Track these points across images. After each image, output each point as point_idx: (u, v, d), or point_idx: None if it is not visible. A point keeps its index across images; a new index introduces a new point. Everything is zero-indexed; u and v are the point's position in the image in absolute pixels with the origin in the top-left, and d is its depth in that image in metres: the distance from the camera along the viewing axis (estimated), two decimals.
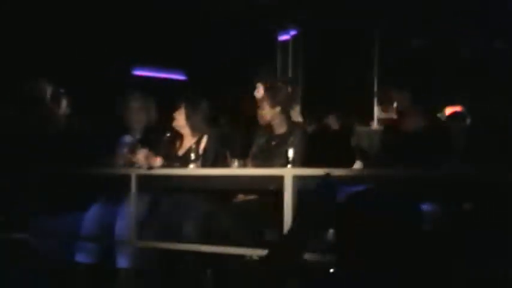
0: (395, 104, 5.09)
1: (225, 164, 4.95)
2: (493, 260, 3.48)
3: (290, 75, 9.00)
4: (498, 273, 3.36)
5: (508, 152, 4.41)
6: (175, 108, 5.28)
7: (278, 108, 5.19)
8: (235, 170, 4.77)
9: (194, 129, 5.23)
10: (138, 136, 5.53)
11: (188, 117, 5.23)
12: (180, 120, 5.25)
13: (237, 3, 8.53)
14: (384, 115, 5.80)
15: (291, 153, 4.69)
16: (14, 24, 7.43)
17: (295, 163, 4.63)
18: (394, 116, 5.44)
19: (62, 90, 5.51)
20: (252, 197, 5.02)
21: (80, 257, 5.18)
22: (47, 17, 7.65)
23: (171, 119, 5.31)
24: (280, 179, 4.30)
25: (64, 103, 5.60)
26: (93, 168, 5.18)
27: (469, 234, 3.72)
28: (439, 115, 6.24)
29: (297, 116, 6.40)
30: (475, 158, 4.52)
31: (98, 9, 7.95)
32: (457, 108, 7.68)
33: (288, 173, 4.32)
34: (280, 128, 5.22)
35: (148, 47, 8.66)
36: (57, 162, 5.15)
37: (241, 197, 5.06)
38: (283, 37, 9.52)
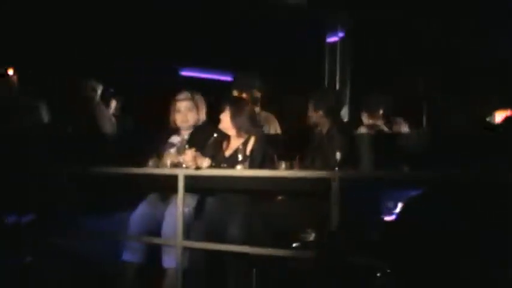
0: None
1: (273, 166, 4.98)
2: None
3: (338, 78, 8.96)
4: None
5: None
6: (220, 110, 5.34)
7: (322, 112, 5.26)
8: (282, 171, 4.81)
9: (240, 130, 5.29)
10: (185, 136, 5.60)
11: (233, 119, 5.29)
12: (226, 121, 5.32)
13: (284, 4, 8.54)
14: (370, 121, 5.84)
15: (338, 155, 4.73)
16: (63, 24, 7.58)
17: (344, 165, 4.65)
18: (379, 122, 5.51)
19: (111, 90, 5.63)
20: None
21: (127, 256, 5.31)
22: (97, 15, 7.76)
23: (218, 120, 5.37)
24: (327, 181, 4.33)
25: (114, 103, 5.73)
26: (141, 168, 5.31)
27: None
28: (488, 119, 6.19)
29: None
30: None
31: (143, 7, 8.02)
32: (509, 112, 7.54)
33: (334, 176, 4.35)
34: (326, 130, 5.28)
35: (196, 46, 8.71)
36: (105, 162, 5.30)
37: (281, 199, 5.10)
38: (332, 39, 9.49)
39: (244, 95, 5.81)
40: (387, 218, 4.75)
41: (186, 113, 5.58)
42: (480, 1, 8.21)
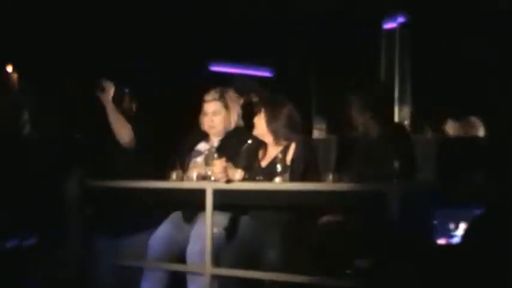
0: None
1: (317, 178, 4.66)
2: None
3: (397, 68, 8.66)
4: None
5: None
6: (254, 113, 5.01)
7: (368, 113, 4.88)
8: (329, 184, 4.49)
9: (278, 136, 4.97)
10: (215, 143, 5.28)
11: (270, 123, 4.98)
12: (261, 126, 5.01)
13: None
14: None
15: (396, 164, 4.38)
16: (87, 21, 7.58)
17: (402, 176, 4.33)
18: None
19: (126, 90, 5.38)
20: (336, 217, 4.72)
21: (146, 286, 5.08)
22: (127, 12, 7.76)
23: (251, 125, 5.05)
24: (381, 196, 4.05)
25: (130, 105, 5.48)
26: (162, 182, 5.05)
27: None
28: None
29: None
30: None
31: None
32: None
33: (390, 189, 4.07)
34: (374, 134, 4.92)
35: (230, 39, 8.56)
36: (120, 174, 5.09)
37: (327, 218, 4.75)
38: (389, 25, 9.21)
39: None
40: (449, 241, 4.46)
41: (214, 116, 5.26)
42: None
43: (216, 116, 5.28)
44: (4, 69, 5.50)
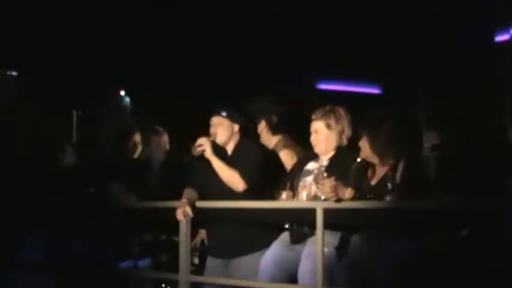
0: None
1: (430, 195, 4.52)
2: None
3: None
4: None
5: None
6: (358, 137, 4.92)
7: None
8: (447, 201, 4.41)
9: (383, 158, 4.86)
10: (324, 163, 5.18)
11: (373, 147, 4.87)
12: (365, 150, 4.91)
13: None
14: None
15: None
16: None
17: None
18: None
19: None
20: None
21: None
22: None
23: (358, 149, 4.93)
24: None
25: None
26: (272, 201, 5.04)
27: None
28: None
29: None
30: None
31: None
32: None
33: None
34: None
35: (337, 57, 8.50)
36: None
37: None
38: (502, 37, 8.90)
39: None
40: None
41: (316, 134, 5.17)
42: None
43: (319, 134, 5.19)
44: (118, 93, 5.69)
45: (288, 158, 5.78)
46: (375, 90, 9.38)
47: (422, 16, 8.23)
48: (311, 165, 5.27)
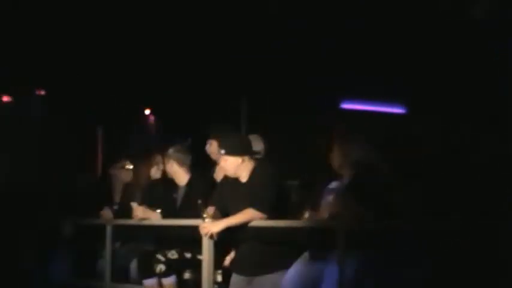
0: None
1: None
2: None
3: None
4: None
5: None
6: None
7: None
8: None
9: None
10: (346, 181, 5.19)
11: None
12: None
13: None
14: None
15: None
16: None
17: None
18: None
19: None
20: None
21: None
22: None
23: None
24: None
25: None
26: (295, 221, 5.09)
27: None
28: None
29: None
30: None
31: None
32: None
33: None
34: None
35: (361, 77, 8.49)
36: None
37: None
38: None
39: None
40: None
41: (344, 151, 5.19)
42: None
43: (349, 152, 5.18)
44: (143, 112, 5.80)
45: None
46: (399, 110, 9.34)
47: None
48: (334, 184, 5.29)
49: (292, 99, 7.98)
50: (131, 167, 7.12)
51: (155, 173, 6.77)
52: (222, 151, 5.34)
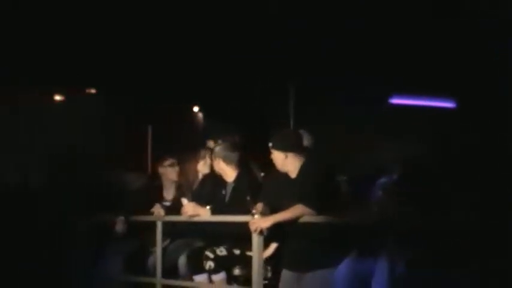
0: None
1: None
2: None
3: None
4: None
5: None
6: None
7: None
8: None
9: None
10: (395, 177, 5.17)
11: None
12: None
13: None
14: None
15: None
16: None
17: None
18: None
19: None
20: None
21: None
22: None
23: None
24: None
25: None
26: (343, 217, 5.05)
27: None
28: None
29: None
30: None
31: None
32: None
33: None
34: None
35: (409, 71, 8.42)
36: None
37: None
38: None
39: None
40: None
41: (393, 146, 5.17)
42: None
43: (381, 149, 5.18)
44: (191, 109, 5.88)
45: None
46: (449, 104, 9.24)
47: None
48: (383, 180, 5.28)
49: (342, 93, 7.95)
50: (178, 164, 7.20)
51: (203, 168, 6.82)
52: (270, 144, 5.39)
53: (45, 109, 9.42)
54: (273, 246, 5.79)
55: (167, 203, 6.99)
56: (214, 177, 6.55)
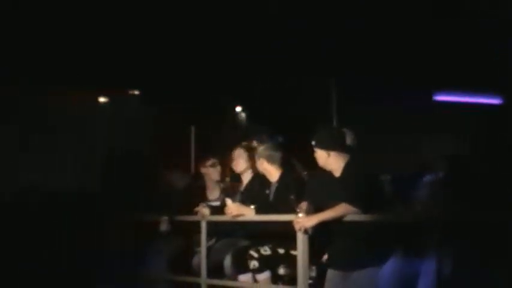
0: None
1: None
2: None
3: None
4: None
5: None
6: None
7: None
8: None
9: None
10: (441, 175, 5.12)
11: None
12: None
13: None
14: None
15: None
16: None
17: None
18: None
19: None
20: None
21: None
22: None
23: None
24: None
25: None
26: (389, 215, 5.02)
27: None
28: None
29: None
30: None
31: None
32: None
33: None
34: None
35: (454, 68, 8.32)
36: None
37: None
38: None
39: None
40: None
41: (438, 143, 5.11)
42: None
43: (425, 147, 5.13)
44: (234, 109, 5.90)
45: None
46: (495, 101, 9.09)
47: None
48: (428, 178, 5.23)
49: (385, 91, 7.90)
50: (219, 164, 7.24)
51: (242, 165, 6.79)
52: (313, 142, 5.38)
53: (90, 111, 9.53)
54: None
55: (212, 203, 7.02)
56: (263, 177, 6.55)
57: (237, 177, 6.93)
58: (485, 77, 8.37)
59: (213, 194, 7.28)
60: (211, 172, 7.27)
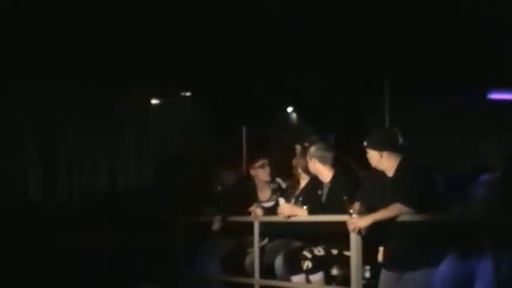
0: None
1: None
2: None
3: None
4: None
5: None
6: None
7: None
8: None
9: None
10: (498, 174, 5.02)
11: None
12: None
13: None
14: None
15: None
16: None
17: None
18: None
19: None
20: None
21: None
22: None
23: None
24: None
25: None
26: (443, 215, 4.97)
27: None
28: None
29: None
30: None
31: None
32: None
33: None
34: None
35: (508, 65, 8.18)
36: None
37: None
38: None
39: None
40: None
41: (495, 142, 5.03)
42: None
43: (480, 145, 5.04)
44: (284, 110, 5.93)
45: None
46: None
47: None
48: (485, 177, 5.13)
49: (439, 89, 7.82)
50: (269, 165, 7.25)
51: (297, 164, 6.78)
52: (365, 143, 5.34)
53: (143, 112, 9.62)
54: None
55: (264, 204, 7.02)
56: (316, 178, 6.52)
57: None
58: None
59: (264, 194, 7.29)
60: (260, 173, 7.29)
